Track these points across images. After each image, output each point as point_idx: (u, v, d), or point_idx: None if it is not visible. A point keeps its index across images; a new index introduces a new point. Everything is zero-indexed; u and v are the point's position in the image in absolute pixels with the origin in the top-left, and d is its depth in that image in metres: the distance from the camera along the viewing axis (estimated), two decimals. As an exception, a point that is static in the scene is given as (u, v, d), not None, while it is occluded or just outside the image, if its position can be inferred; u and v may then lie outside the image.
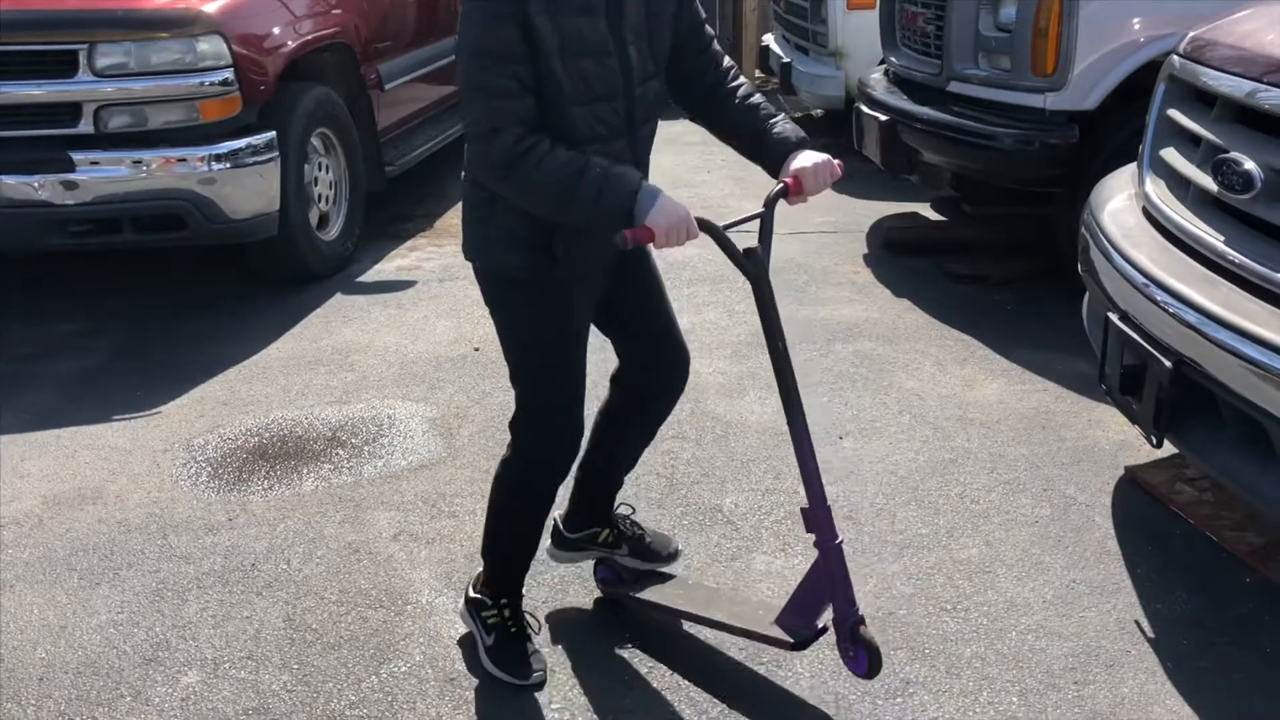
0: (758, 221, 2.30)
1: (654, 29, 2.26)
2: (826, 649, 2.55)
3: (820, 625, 2.36)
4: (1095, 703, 2.38)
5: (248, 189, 4.54)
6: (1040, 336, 4.33)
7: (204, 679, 2.50)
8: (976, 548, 2.94)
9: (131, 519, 3.16)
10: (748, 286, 2.32)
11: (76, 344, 4.48)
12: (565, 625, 2.66)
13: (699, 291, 4.82)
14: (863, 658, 2.29)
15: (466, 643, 2.59)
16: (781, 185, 2.30)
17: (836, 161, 2.33)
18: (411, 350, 4.33)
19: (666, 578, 2.70)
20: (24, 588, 2.86)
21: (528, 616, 2.56)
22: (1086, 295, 3.20)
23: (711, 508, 3.16)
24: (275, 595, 2.79)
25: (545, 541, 2.65)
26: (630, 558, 2.72)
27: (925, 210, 5.96)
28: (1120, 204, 3.04)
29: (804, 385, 2.35)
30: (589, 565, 2.83)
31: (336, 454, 3.51)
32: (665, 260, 3.04)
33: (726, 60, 2.44)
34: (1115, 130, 4.21)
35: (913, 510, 3.12)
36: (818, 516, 2.31)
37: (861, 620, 2.30)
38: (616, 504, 2.76)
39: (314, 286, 5.03)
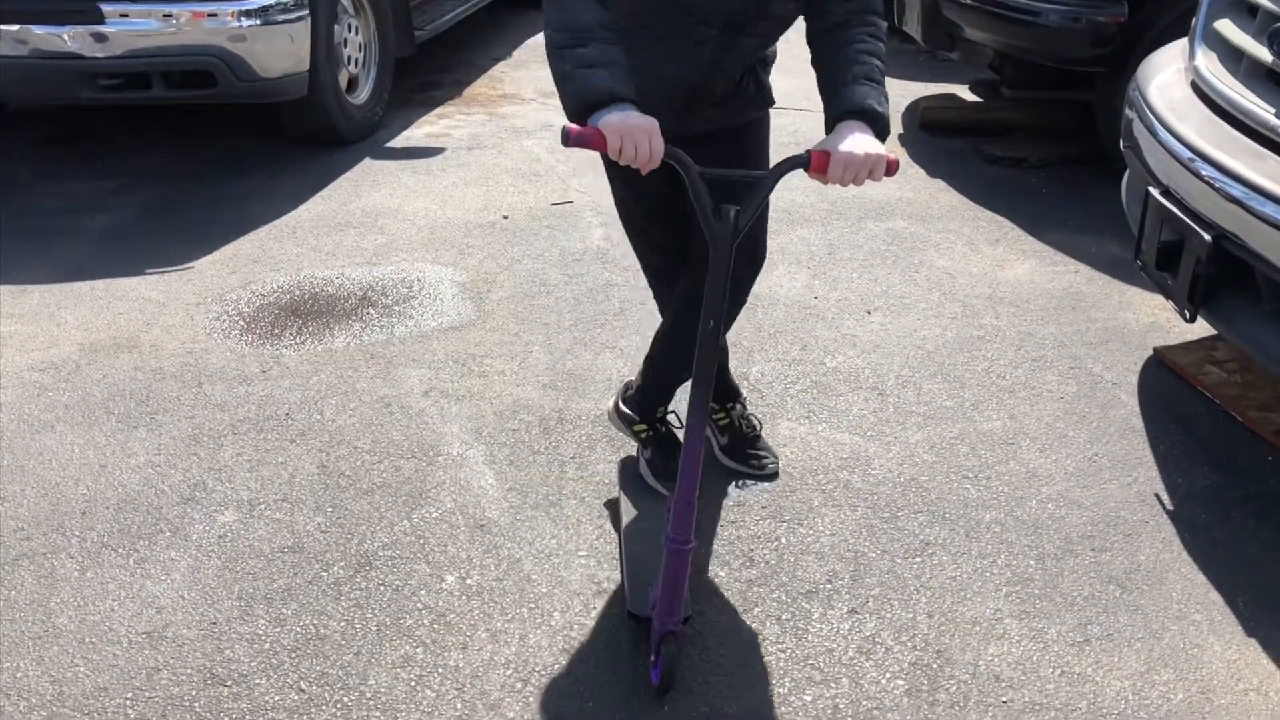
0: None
1: None
2: (847, 510, 2.60)
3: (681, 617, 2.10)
4: (1111, 569, 2.42)
5: (277, 47, 4.50)
6: (1074, 219, 4.29)
7: (240, 518, 2.57)
8: (1000, 420, 2.96)
9: (166, 367, 3.22)
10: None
11: (108, 200, 4.50)
12: (594, 479, 2.71)
13: (730, 166, 4.78)
14: (658, 668, 2.07)
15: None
16: (803, 155, 1.92)
17: (891, 159, 1.92)
18: (440, 216, 4.33)
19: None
20: (64, 428, 2.92)
21: (753, 419, 2.78)
22: (1126, 173, 3.16)
23: (738, 376, 3.18)
24: (309, 443, 2.85)
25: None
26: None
27: (962, 91, 5.85)
28: (1168, 78, 2.97)
29: (833, 261, 2.33)
30: (613, 429, 2.88)
31: (368, 313, 3.54)
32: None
33: (869, 18, 2.07)
34: (1166, 9, 4.10)
35: (938, 383, 3.14)
36: (680, 514, 2.03)
37: (673, 635, 2.06)
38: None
39: (343, 150, 5.02)
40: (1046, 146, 5.00)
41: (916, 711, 2.05)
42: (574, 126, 1.84)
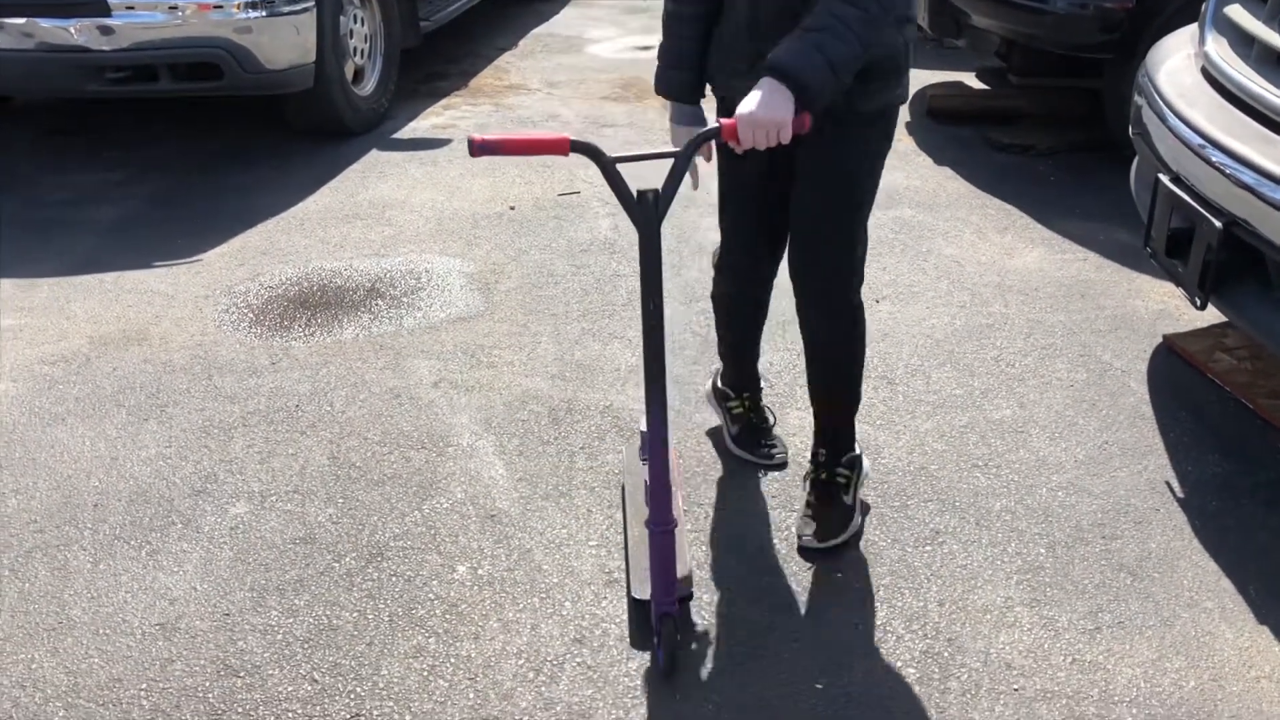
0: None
1: None
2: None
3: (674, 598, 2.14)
4: (1122, 556, 2.42)
5: (283, 38, 4.49)
6: (1082, 207, 4.28)
7: (252, 510, 2.58)
8: (1010, 409, 2.96)
9: (176, 360, 3.22)
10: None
11: (114, 193, 4.50)
12: (604, 469, 2.71)
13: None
14: (661, 650, 2.12)
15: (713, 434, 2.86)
16: (715, 126, 1.97)
17: (804, 118, 1.93)
18: (448, 207, 4.33)
19: None
20: (75, 421, 2.93)
21: (766, 410, 2.82)
22: (1135, 159, 3.15)
23: (747, 365, 3.19)
24: (319, 435, 2.86)
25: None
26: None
27: (969, 79, 5.83)
28: (1178, 64, 2.96)
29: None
30: (622, 418, 2.89)
31: (376, 304, 3.54)
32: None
33: None
34: (1174, -6, 4.08)
35: (948, 371, 3.14)
36: (656, 497, 2.08)
37: (670, 616, 2.10)
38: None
39: (349, 142, 5.02)
40: (1054, 134, 4.99)
41: (928, 699, 2.05)
42: (477, 137, 1.89)
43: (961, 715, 2.02)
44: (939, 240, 4.00)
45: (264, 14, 4.40)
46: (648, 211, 1.95)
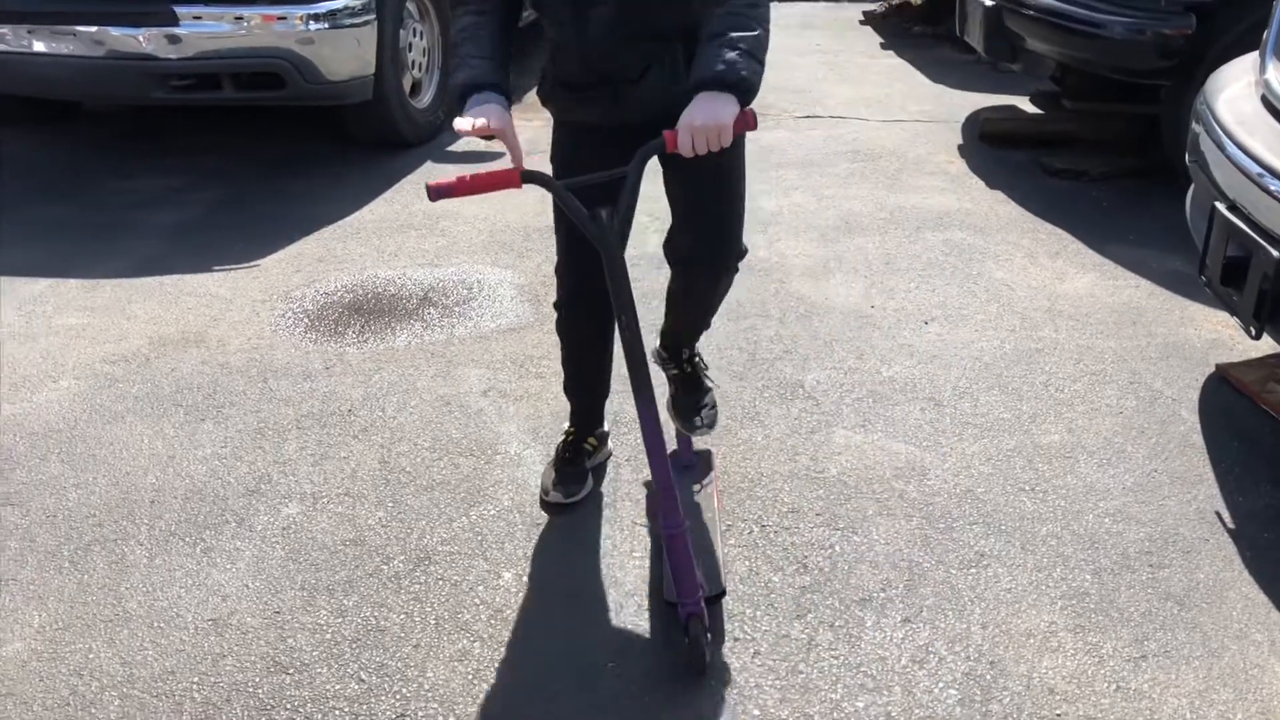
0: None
1: None
2: (901, 520, 2.60)
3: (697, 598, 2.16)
4: (1169, 585, 2.40)
5: (345, 50, 4.58)
6: (1135, 233, 4.25)
7: (304, 511, 2.63)
8: (1058, 434, 2.94)
9: (233, 362, 3.29)
10: (839, 171, 2.20)
11: (175, 198, 4.61)
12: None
13: (787, 175, 4.78)
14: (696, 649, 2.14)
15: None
16: (660, 139, 1.98)
17: (747, 114, 1.94)
18: (500, 219, 4.38)
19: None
20: (134, 419, 3.00)
21: (587, 446, 2.73)
22: (1191, 187, 3.12)
23: (793, 383, 3.20)
24: (371, 439, 2.91)
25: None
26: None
27: (1023, 103, 5.81)
28: (1237, 92, 2.94)
29: (891, 271, 2.33)
30: (668, 429, 2.91)
31: (428, 313, 3.60)
32: (755, 143, 3.04)
33: None
34: (1234, 21, 4.05)
35: (996, 395, 3.13)
36: (664, 503, 2.13)
37: (699, 614, 2.12)
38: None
39: (405, 153, 5.10)
40: (1108, 159, 4.96)
41: (969, 722, 2.05)
42: (433, 182, 1.99)
43: (1003, 738, 2.02)
44: (990, 263, 3.99)
45: (326, 26, 4.49)
46: (604, 229, 2.02)
